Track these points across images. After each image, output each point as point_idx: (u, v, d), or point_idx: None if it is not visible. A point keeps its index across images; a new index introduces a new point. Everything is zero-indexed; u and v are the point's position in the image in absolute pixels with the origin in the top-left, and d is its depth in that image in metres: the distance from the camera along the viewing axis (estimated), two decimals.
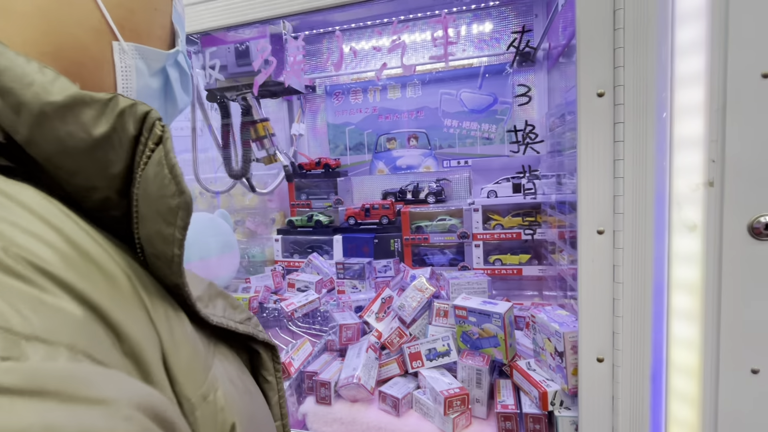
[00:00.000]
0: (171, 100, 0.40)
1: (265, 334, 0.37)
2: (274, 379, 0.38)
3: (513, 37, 0.84)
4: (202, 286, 0.34)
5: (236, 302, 0.37)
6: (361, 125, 2.07)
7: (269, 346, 0.38)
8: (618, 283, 0.73)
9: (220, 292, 0.36)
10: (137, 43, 0.33)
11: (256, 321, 0.38)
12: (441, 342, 1.02)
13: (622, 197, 0.71)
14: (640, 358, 0.74)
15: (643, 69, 0.68)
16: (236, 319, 0.35)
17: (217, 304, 0.34)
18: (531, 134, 0.95)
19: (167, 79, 0.38)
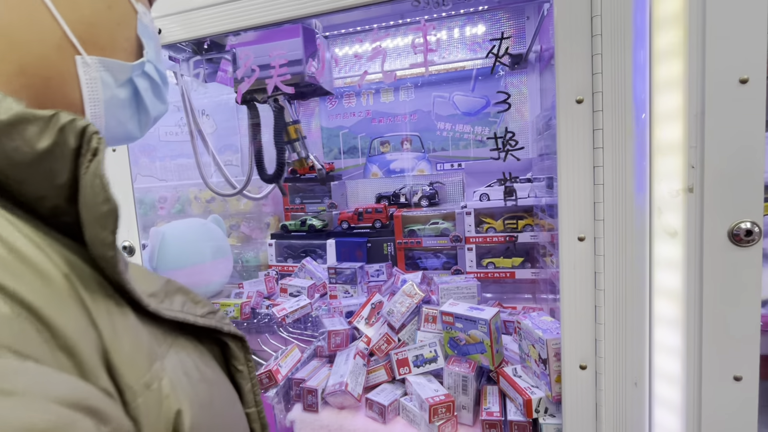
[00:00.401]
0: (143, 110, 0.41)
1: (231, 327, 0.39)
2: (245, 368, 0.40)
3: (493, 44, 0.84)
4: (158, 283, 0.35)
5: (198, 298, 0.38)
6: (355, 129, 2.07)
7: (237, 338, 0.39)
8: (599, 290, 0.73)
9: (180, 288, 0.37)
10: (101, 56, 0.34)
11: (222, 315, 0.39)
12: (428, 348, 1.02)
13: (602, 204, 0.71)
14: (622, 366, 0.74)
15: (621, 75, 0.67)
16: (197, 313, 0.36)
17: (175, 299, 0.35)
18: (511, 141, 0.94)
19: (136, 89, 0.39)
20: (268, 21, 0.94)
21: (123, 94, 0.38)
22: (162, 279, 0.36)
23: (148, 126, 0.44)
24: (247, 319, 1.50)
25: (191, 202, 2.20)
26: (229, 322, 0.39)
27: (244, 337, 0.40)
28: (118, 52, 0.36)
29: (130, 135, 0.42)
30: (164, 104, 0.45)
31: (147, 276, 0.35)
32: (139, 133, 0.43)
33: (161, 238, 1.50)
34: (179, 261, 1.53)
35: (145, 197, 2.27)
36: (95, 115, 0.35)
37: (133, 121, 0.41)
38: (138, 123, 0.42)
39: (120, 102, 0.38)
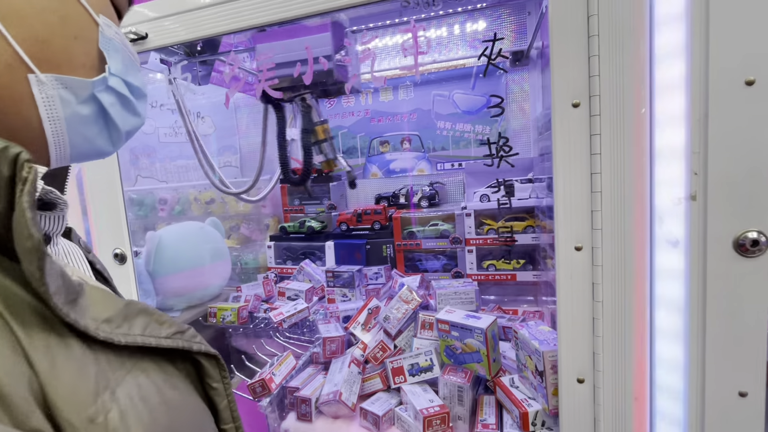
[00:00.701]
0: (112, 125, 0.39)
1: (201, 345, 0.38)
2: (221, 385, 0.39)
3: (485, 46, 0.81)
4: (116, 306, 0.34)
5: (164, 318, 0.36)
6: (354, 128, 2.05)
7: (210, 356, 0.38)
8: (597, 301, 0.70)
9: (143, 309, 0.36)
10: (57, 74, 0.33)
11: (192, 333, 0.38)
12: (424, 357, 1.00)
13: (600, 213, 0.68)
14: (622, 380, 0.71)
15: (619, 78, 0.64)
16: (161, 334, 0.35)
17: (135, 322, 0.34)
18: (505, 147, 0.91)
19: (99, 104, 0.37)
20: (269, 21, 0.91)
21: (86, 111, 0.36)
22: (122, 301, 0.35)
23: (120, 140, 0.42)
24: (245, 323, 1.49)
25: (191, 204, 2.19)
26: (201, 341, 0.38)
27: (217, 354, 0.39)
28: (76, 68, 0.35)
29: (101, 151, 0.40)
30: (137, 117, 0.43)
31: (104, 299, 0.33)
32: (112, 148, 0.41)
33: (157, 242, 1.49)
34: (176, 265, 1.52)
35: (146, 199, 2.27)
36: (56, 133, 0.34)
37: (103, 137, 0.39)
38: (108, 138, 0.40)
39: (84, 119, 0.36)
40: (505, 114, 1.85)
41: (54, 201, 0.35)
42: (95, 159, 0.44)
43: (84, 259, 0.44)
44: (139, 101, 0.43)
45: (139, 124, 0.44)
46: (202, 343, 0.38)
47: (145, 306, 0.37)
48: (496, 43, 0.79)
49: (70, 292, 0.29)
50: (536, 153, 1.60)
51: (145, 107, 0.45)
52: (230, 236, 2.14)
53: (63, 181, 0.43)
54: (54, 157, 0.35)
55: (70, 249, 0.42)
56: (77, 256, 0.43)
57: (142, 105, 0.44)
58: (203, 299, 1.63)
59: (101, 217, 1.00)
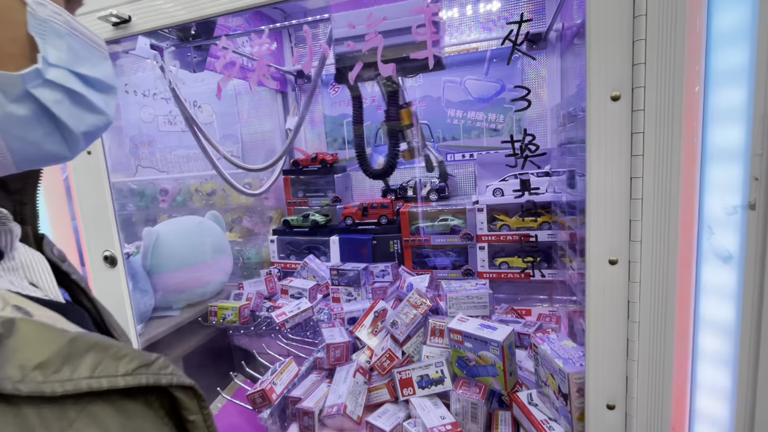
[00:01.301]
0: (63, 125, 0.33)
1: (173, 377, 0.32)
2: (199, 417, 0.34)
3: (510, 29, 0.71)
4: (56, 345, 0.28)
5: (123, 351, 0.31)
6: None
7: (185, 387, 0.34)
8: (633, 322, 0.62)
9: (95, 344, 0.30)
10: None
11: (161, 364, 0.32)
12: (434, 368, 0.93)
13: (640, 222, 0.59)
14: (658, 408, 0.63)
15: (669, 66, 0.55)
16: (118, 371, 0.30)
17: (81, 362, 0.28)
18: (530, 146, 0.82)
19: (38, 102, 0.31)
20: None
21: (22, 111, 0.30)
22: (65, 336, 0.29)
23: (78, 143, 0.35)
24: (246, 323, 1.44)
25: (192, 195, 2.13)
26: (173, 371, 0.33)
27: (193, 385, 0.34)
28: (2, 60, 0.29)
29: (55, 155, 0.34)
30: (99, 115, 0.36)
31: (41, 336, 0.28)
32: (69, 152, 0.35)
33: (155, 238, 1.43)
34: (176, 262, 1.46)
35: (147, 189, 2.21)
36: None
37: (53, 141, 0.33)
38: (63, 141, 0.34)
39: (20, 120, 0.30)
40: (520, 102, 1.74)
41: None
42: (51, 164, 0.37)
43: (48, 272, 0.38)
44: (102, 96, 0.36)
45: (101, 123, 0.37)
46: (174, 374, 0.33)
47: (99, 339, 0.30)
48: (523, 26, 0.69)
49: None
50: (554, 144, 1.50)
51: (112, 102, 0.38)
52: (232, 229, 2.08)
53: (34, 185, 0.38)
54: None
55: (32, 261, 0.37)
56: (40, 269, 0.38)
57: (107, 100, 0.37)
58: (204, 296, 1.58)
59: (88, 218, 0.93)
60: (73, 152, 0.35)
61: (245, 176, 2.12)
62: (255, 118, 2.11)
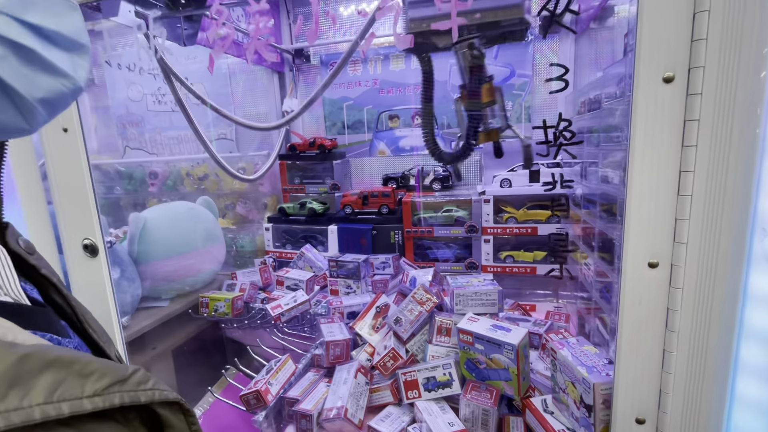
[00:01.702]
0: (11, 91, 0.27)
1: (153, 393, 0.27)
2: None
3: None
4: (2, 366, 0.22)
5: (92, 365, 0.25)
6: (361, 100, 1.86)
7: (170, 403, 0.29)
8: (672, 331, 0.56)
9: (54, 360, 0.24)
10: None
11: (140, 378, 0.27)
12: (441, 370, 0.88)
13: (688, 222, 0.53)
14: (693, 425, 0.58)
15: (735, 42, 0.47)
16: (84, 393, 0.25)
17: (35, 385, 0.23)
18: (565, 132, 0.74)
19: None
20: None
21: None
22: (14, 355, 0.23)
23: (34, 112, 0.28)
24: (239, 315, 1.37)
25: (183, 179, 2.03)
26: (154, 386, 0.28)
27: (178, 399, 0.29)
28: None
29: (7, 127, 0.28)
30: (60, 77, 0.29)
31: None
32: (25, 123, 0.28)
33: (142, 224, 1.35)
34: (164, 250, 1.38)
35: (135, 172, 2.11)
36: None
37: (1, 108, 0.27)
38: (14, 109, 0.27)
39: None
40: (529, 89, 1.66)
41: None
42: (6, 137, 0.30)
43: (8, 267, 0.33)
44: (66, 55, 0.29)
45: (65, 89, 0.30)
46: (156, 388, 0.28)
47: (62, 354, 0.25)
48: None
49: None
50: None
51: (82, 63, 0.31)
52: (225, 215, 2.00)
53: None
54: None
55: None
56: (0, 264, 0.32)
57: (75, 60, 0.30)
58: (195, 286, 1.50)
59: (65, 201, 0.85)
60: (31, 123, 0.29)
61: (239, 160, 2.02)
62: (249, 98, 2.00)
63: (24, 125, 0.28)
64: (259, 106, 1.98)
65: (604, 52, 1.19)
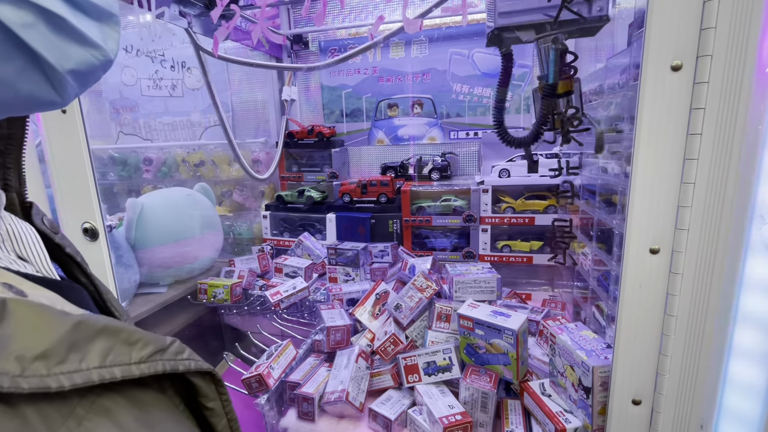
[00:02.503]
0: (42, 61, 0.25)
1: (190, 363, 0.29)
2: (218, 403, 0.32)
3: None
4: (58, 331, 0.23)
5: (136, 335, 0.27)
6: (359, 88, 1.84)
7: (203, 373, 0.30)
8: (671, 316, 0.58)
9: (103, 328, 0.25)
10: None
11: (177, 348, 0.29)
12: (442, 355, 0.89)
13: (690, 209, 0.54)
14: (688, 405, 0.60)
15: (743, 31, 0.48)
16: (132, 359, 0.26)
17: (89, 350, 0.24)
18: (575, 119, 0.75)
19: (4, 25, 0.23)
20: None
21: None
22: (69, 322, 0.24)
23: (65, 84, 0.27)
24: (238, 301, 1.37)
25: (179, 166, 2.01)
26: (190, 356, 0.29)
27: (212, 370, 0.31)
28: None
29: (38, 99, 0.27)
30: (92, 48, 0.27)
31: (41, 321, 0.23)
32: (57, 96, 0.27)
33: (140, 210, 1.33)
34: (162, 236, 1.37)
35: (129, 158, 2.08)
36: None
37: (31, 79, 0.25)
38: (45, 81, 0.26)
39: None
40: (529, 79, 1.66)
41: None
42: (36, 111, 0.29)
43: (39, 245, 0.33)
44: (96, 24, 0.28)
45: (97, 61, 0.28)
46: (192, 358, 0.29)
47: (108, 323, 0.26)
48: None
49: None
50: None
51: (112, 35, 0.29)
52: (222, 203, 1.98)
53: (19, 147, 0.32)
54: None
55: (21, 232, 0.32)
56: (30, 241, 0.32)
57: (105, 31, 0.28)
58: (192, 273, 1.50)
59: (65, 185, 0.84)
60: (63, 96, 0.27)
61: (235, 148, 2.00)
62: (246, 85, 1.98)
63: (56, 98, 0.27)
64: (257, 93, 1.96)
65: (604, 43, 1.19)
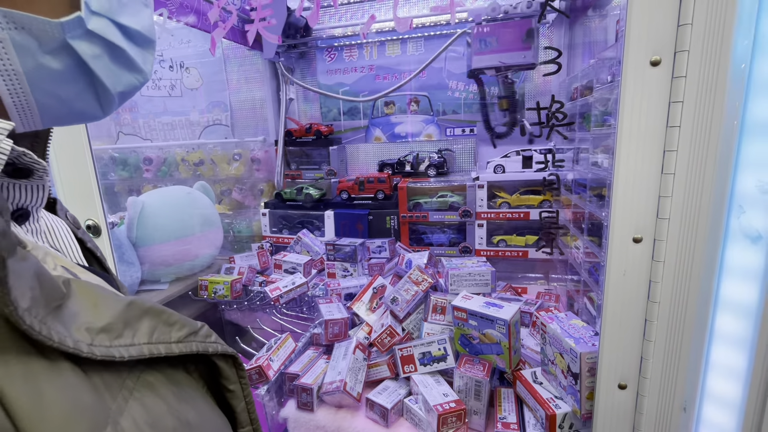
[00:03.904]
0: (98, 83, 0.29)
1: (218, 346, 0.31)
2: (238, 386, 0.34)
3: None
4: (116, 309, 0.26)
5: (173, 317, 0.30)
6: (357, 86, 1.86)
7: (227, 356, 0.33)
8: (653, 302, 0.60)
9: (149, 309, 0.28)
10: (7, 8, 0.24)
11: (207, 332, 0.31)
12: (437, 345, 0.91)
13: (670, 199, 0.56)
14: (671, 388, 0.62)
15: (719, 28, 0.50)
16: (171, 338, 0.29)
17: (140, 327, 0.27)
18: (558, 114, 0.77)
19: (76, 55, 0.27)
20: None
21: (57, 64, 0.26)
22: (122, 302, 0.27)
23: (112, 103, 0.32)
24: (239, 297, 1.40)
25: (178, 165, 2.03)
26: (217, 339, 0.32)
27: (235, 354, 0.33)
28: (38, 3, 0.25)
29: (86, 114, 0.31)
30: (137, 74, 0.32)
31: (100, 298, 0.26)
32: (101, 113, 0.32)
33: (140, 208, 1.36)
34: (162, 234, 1.39)
35: (129, 158, 2.10)
36: (14, 91, 0.25)
37: (86, 99, 0.30)
38: (96, 100, 0.30)
39: (53, 75, 0.27)
40: (523, 76, 1.68)
41: (30, 166, 0.28)
42: (78, 123, 0.34)
43: (71, 238, 0.36)
44: (140, 51, 0.32)
45: (138, 83, 0.32)
46: (218, 342, 0.32)
47: (151, 305, 0.29)
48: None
49: (52, 297, 0.23)
50: None
51: (150, 58, 0.33)
52: (221, 201, 2.01)
53: (44, 145, 0.33)
54: (17, 120, 0.27)
55: (54, 226, 0.34)
56: (63, 234, 0.35)
57: (145, 56, 0.33)
58: (193, 270, 1.52)
59: (68, 183, 0.86)
60: (106, 113, 0.32)
61: (234, 147, 2.02)
62: (245, 85, 2.00)
63: (100, 114, 0.31)
64: (255, 92, 1.98)
65: (598, 39, 1.21)
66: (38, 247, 0.28)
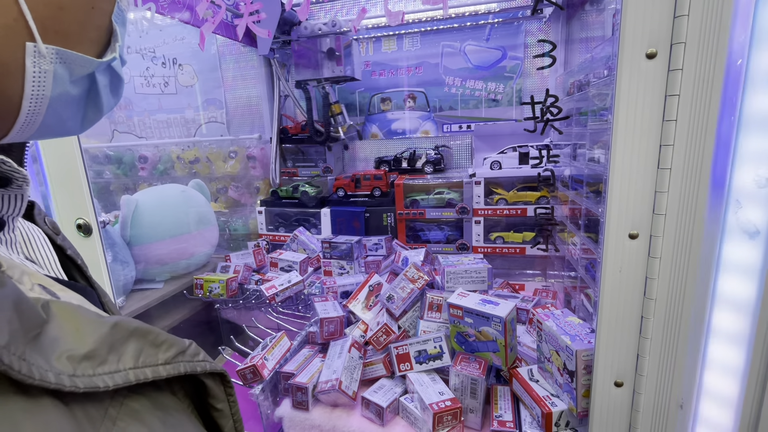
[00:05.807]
0: (94, 107, 0.32)
1: (206, 365, 0.30)
2: (226, 405, 0.33)
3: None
4: (100, 333, 0.25)
5: (161, 337, 0.28)
6: (352, 83, 1.85)
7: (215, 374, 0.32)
8: (650, 299, 0.59)
9: (135, 329, 0.27)
10: (61, 47, 0.26)
11: (194, 350, 0.30)
12: (432, 343, 0.91)
13: (666, 194, 0.55)
14: (668, 386, 0.62)
15: (716, 19, 0.49)
16: (158, 360, 0.27)
17: (125, 350, 0.26)
18: (552, 108, 0.76)
19: (94, 85, 0.30)
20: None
21: (76, 91, 0.29)
22: (106, 324, 0.25)
23: (92, 123, 0.33)
24: (234, 296, 1.39)
25: (174, 163, 2.02)
26: (205, 357, 0.31)
27: (224, 372, 0.32)
28: (83, 43, 0.28)
29: (68, 131, 0.32)
30: (118, 99, 0.35)
31: (82, 321, 0.25)
32: (80, 130, 0.33)
33: (134, 207, 1.34)
34: (157, 233, 1.38)
35: (125, 156, 2.09)
36: (33, 112, 0.27)
37: (76, 119, 0.31)
38: (81, 120, 0.32)
39: (69, 99, 0.29)
40: (520, 71, 1.67)
41: (9, 175, 0.28)
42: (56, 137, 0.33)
43: (48, 247, 0.34)
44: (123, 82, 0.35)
45: (114, 105, 0.35)
46: (207, 359, 0.30)
47: (138, 325, 0.27)
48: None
49: (31, 326, 0.21)
50: None
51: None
52: (217, 199, 1.99)
53: (21, 153, 0.33)
54: (14, 134, 0.27)
55: (30, 235, 0.33)
56: (40, 243, 0.34)
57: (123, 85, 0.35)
58: (188, 269, 1.51)
59: (58, 181, 0.85)
60: (83, 130, 0.33)
61: (229, 144, 2.01)
62: (240, 82, 1.98)
63: (79, 131, 0.33)
64: (251, 89, 1.96)
65: (594, 34, 1.20)
66: (14, 266, 0.26)
